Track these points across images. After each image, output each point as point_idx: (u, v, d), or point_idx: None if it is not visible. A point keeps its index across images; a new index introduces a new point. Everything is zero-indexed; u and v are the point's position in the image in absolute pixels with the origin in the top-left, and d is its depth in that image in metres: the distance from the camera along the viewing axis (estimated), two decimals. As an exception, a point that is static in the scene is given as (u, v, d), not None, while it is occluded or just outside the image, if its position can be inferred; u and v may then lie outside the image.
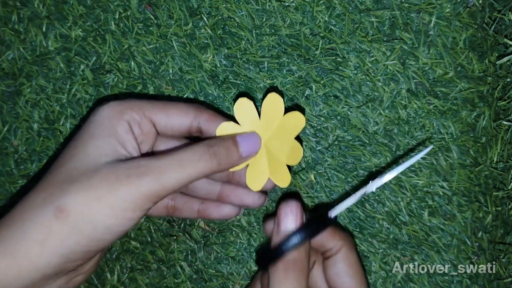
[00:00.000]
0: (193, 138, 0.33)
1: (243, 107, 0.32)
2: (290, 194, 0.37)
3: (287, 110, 0.32)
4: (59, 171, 0.27)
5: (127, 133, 0.28)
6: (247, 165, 0.32)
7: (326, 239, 0.30)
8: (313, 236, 0.29)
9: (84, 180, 0.25)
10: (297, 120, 0.32)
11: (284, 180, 0.32)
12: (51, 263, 0.25)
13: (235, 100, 0.32)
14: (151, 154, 0.30)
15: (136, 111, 0.29)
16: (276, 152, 0.32)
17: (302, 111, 0.35)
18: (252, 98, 0.32)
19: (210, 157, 0.28)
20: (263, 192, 0.34)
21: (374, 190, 0.30)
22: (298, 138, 0.33)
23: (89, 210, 0.25)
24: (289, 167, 0.33)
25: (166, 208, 0.34)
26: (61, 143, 0.38)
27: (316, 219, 0.30)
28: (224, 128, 0.31)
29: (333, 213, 0.30)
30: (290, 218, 0.29)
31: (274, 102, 0.32)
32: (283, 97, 0.32)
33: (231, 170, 0.31)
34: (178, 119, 0.30)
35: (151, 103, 0.30)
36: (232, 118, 0.32)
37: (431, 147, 0.33)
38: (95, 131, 0.28)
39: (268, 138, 0.32)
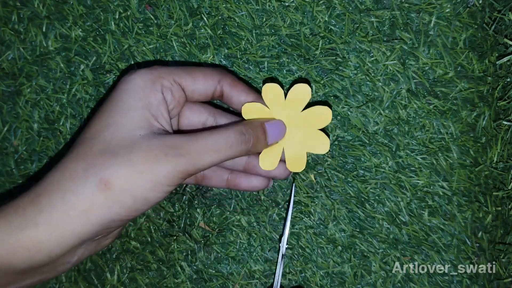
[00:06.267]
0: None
1: (271, 91, 0.33)
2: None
3: (318, 103, 0.33)
4: (96, 140, 0.28)
5: (160, 105, 0.29)
6: None
7: None
8: None
9: (124, 154, 0.27)
10: (323, 115, 0.33)
11: (298, 167, 0.34)
12: (91, 231, 0.27)
13: (263, 83, 0.33)
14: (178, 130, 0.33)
15: (167, 78, 0.30)
16: (296, 139, 0.33)
17: (330, 107, 0.36)
18: (280, 84, 0.33)
19: (241, 144, 0.30)
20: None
21: (284, 251, 0.36)
22: (324, 131, 0.34)
23: (131, 184, 0.27)
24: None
25: (195, 177, 0.35)
26: (61, 143, 0.38)
27: None
28: (250, 108, 0.32)
29: None
30: None
31: (302, 92, 0.33)
32: (311, 87, 0.33)
33: None
34: (205, 83, 0.31)
35: (179, 68, 0.31)
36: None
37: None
38: (130, 102, 0.29)
39: (290, 124, 0.33)
